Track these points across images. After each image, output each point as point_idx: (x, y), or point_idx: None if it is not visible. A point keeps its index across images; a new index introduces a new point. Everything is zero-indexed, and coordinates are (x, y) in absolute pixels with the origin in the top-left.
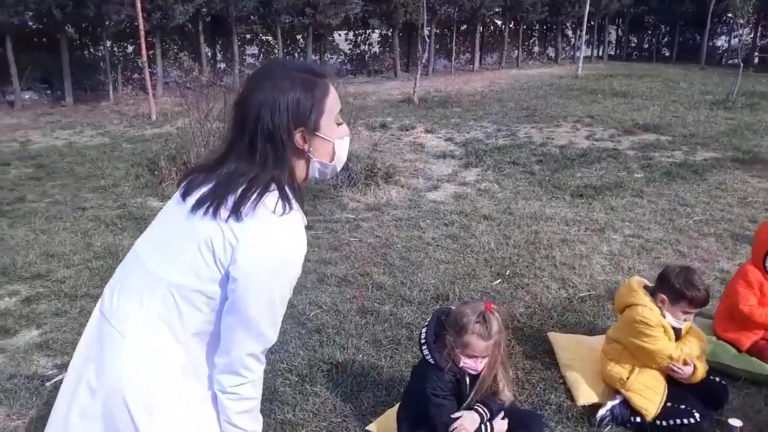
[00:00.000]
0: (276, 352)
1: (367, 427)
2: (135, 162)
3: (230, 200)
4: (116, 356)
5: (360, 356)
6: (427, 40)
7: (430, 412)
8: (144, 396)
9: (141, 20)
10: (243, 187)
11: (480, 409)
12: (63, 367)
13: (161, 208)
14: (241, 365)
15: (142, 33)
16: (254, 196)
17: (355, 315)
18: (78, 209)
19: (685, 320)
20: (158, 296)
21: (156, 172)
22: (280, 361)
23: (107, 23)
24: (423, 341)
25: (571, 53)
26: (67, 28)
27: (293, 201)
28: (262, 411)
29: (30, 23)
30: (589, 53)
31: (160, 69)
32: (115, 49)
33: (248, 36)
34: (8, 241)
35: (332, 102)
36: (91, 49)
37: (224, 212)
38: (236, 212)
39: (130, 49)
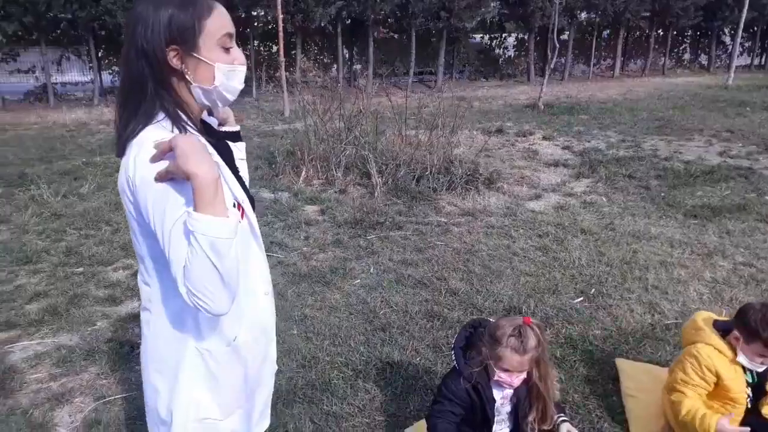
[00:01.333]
0: (338, 345)
1: (404, 430)
2: (257, 155)
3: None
4: None
5: (417, 359)
6: (557, 45)
7: (429, 410)
8: None
9: (280, 22)
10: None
11: None
12: None
13: (272, 199)
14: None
15: (281, 34)
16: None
17: (422, 318)
18: None
19: (762, 363)
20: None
21: (273, 166)
22: (339, 354)
23: (255, 24)
24: (452, 345)
25: (727, 62)
26: None
27: (152, 119)
28: (311, 399)
29: None
30: (748, 62)
31: (298, 67)
32: (261, 48)
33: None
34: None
35: (215, 23)
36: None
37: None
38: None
39: (274, 48)
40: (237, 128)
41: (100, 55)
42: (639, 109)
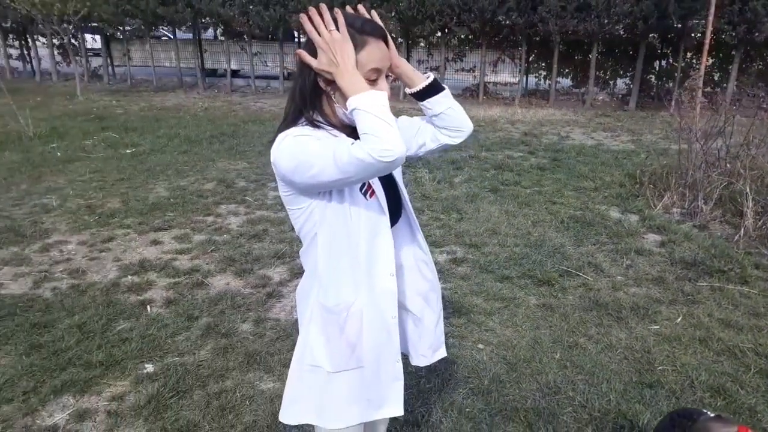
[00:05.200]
0: (589, 384)
1: None
2: (629, 172)
3: None
4: None
5: None
6: None
7: None
8: None
9: (708, 32)
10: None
11: None
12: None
13: (617, 220)
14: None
15: (706, 45)
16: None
17: (705, 390)
18: (549, 202)
19: None
20: None
21: (638, 185)
22: (584, 393)
23: (692, 35)
24: None
25: None
26: (650, 38)
27: (295, 124)
28: (523, 425)
29: (618, 33)
30: None
31: (732, 84)
32: (694, 60)
33: None
34: (480, 213)
35: (364, 58)
36: (670, 59)
37: None
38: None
39: (709, 61)
40: (425, 83)
41: (530, 59)
42: None
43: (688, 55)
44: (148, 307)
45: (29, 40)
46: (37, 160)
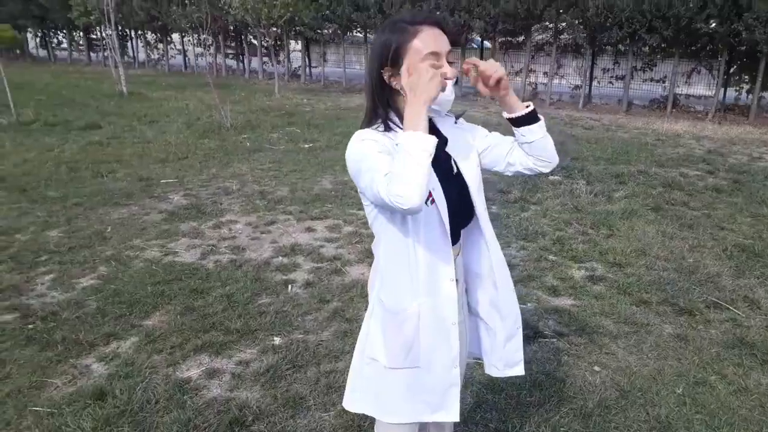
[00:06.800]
0: (711, 428)
1: None
2: None
3: None
4: None
5: None
6: None
7: None
8: None
9: None
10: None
11: None
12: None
13: None
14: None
15: None
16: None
17: None
18: (717, 227)
19: None
20: None
21: None
22: None
23: None
24: None
25: None
26: None
27: (372, 124)
28: None
29: None
30: None
31: None
32: None
33: None
34: (633, 232)
35: (420, 44)
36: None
37: None
38: None
39: None
40: (525, 111)
41: (731, 71)
42: None
43: None
44: (290, 286)
45: (243, 42)
46: (230, 148)
